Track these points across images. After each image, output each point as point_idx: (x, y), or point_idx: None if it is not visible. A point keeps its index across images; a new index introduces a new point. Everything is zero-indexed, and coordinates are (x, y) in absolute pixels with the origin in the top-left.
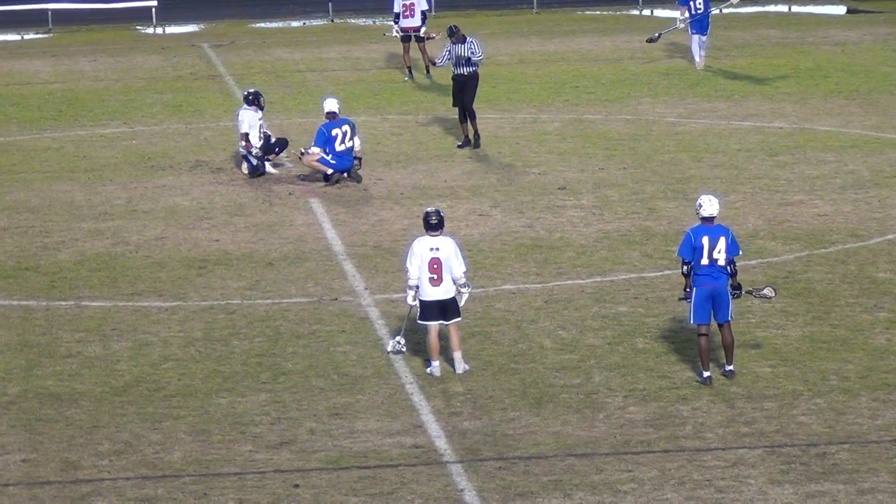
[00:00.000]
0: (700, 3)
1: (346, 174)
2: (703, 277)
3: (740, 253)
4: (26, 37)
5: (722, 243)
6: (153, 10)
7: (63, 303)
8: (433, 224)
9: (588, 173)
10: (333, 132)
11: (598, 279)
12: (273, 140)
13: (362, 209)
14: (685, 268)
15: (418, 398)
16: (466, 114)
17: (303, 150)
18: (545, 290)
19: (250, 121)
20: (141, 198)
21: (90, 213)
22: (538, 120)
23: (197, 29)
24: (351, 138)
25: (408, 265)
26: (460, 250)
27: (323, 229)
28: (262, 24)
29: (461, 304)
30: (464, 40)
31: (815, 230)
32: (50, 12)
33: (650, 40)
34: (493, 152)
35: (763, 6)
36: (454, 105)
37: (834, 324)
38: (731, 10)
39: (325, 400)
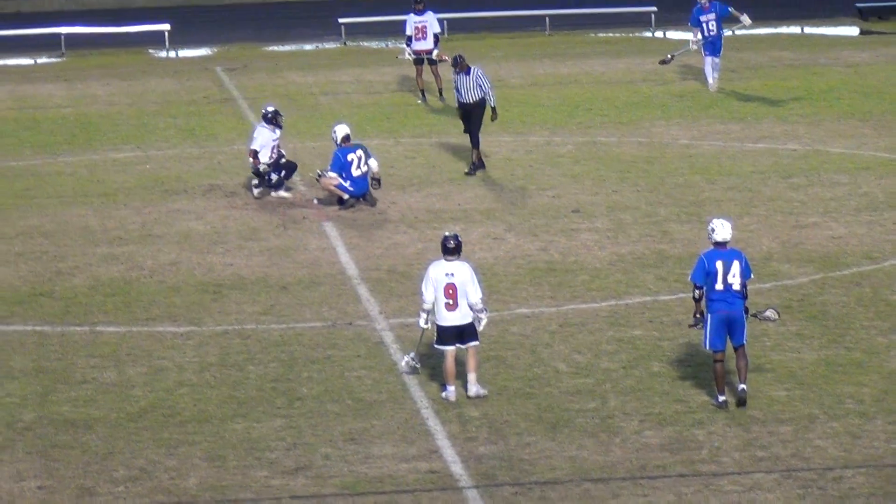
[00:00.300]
0: (713, 25)
1: (361, 198)
2: (717, 303)
3: (752, 277)
4: (39, 61)
5: (736, 267)
6: (166, 34)
7: (78, 328)
8: (450, 248)
9: (602, 196)
10: (349, 157)
11: (613, 302)
12: (283, 161)
13: (376, 233)
14: (697, 293)
15: (434, 423)
16: (471, 139)
17: (320, 173)
18: (560, 313)
19: (264, 140)
20: (155, 222)
21: (104, 237)
22: (551, 143)
23: (210, 52)
24: (365, 163)
25: (423, 289)
26: (476, 275)
27: (337, 253)
28: (275, 48)
29: (479, 328)
30: (468, 71)
31: (830, 253)
32: (63, 36)
33: (663, 62)
34: (507, 175)
35: (776, 28)
36: (465, 132)
37: (849, 347)
38: (743, 31)
39: (340, 425)
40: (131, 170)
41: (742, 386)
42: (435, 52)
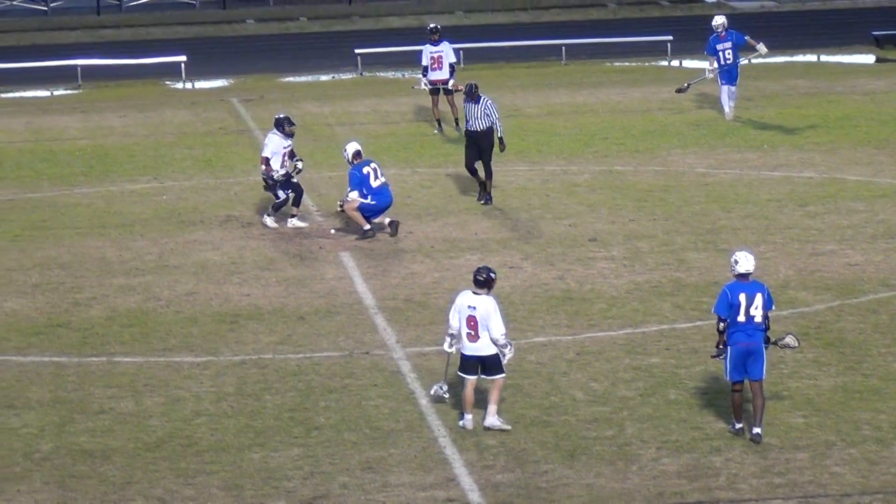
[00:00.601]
0: (729, 54)
1: (387, 225)
2: (738, 335)
3: (773, 308)
4: (56, 93)
5: (759, 300)
6: (182, 65)
7: (95, 359)
8: (478, 281)
9: (618, 225)
10: (365, 171)
11: (630, 331)
12: (293, 180)
13: (393, 262)
14: (721, 325)
15: (451, 451)
16: (484, 172)
17: (341, 202)
18: (577, 342)
19: (274, 147)
20: (172, 253)
21: (121, 268)
22: (568, 171)
23: (226, 84)
24: (383, 174)
25: (450, 315)
26: (500, 310)
27: (354, 283)
28: (291, 79)
29: (504, 361)
30: (478, 100)
31: (847, 280)
32: (79, 68)
33: (679, 90)
34: (523, 204)
35: (791, 56)
36: (466, 159)
37: (866, 373)
38: (759, 60)
39: (357, 454)
40: (148, 201)
41: (757, 430)
42: (451, 82)
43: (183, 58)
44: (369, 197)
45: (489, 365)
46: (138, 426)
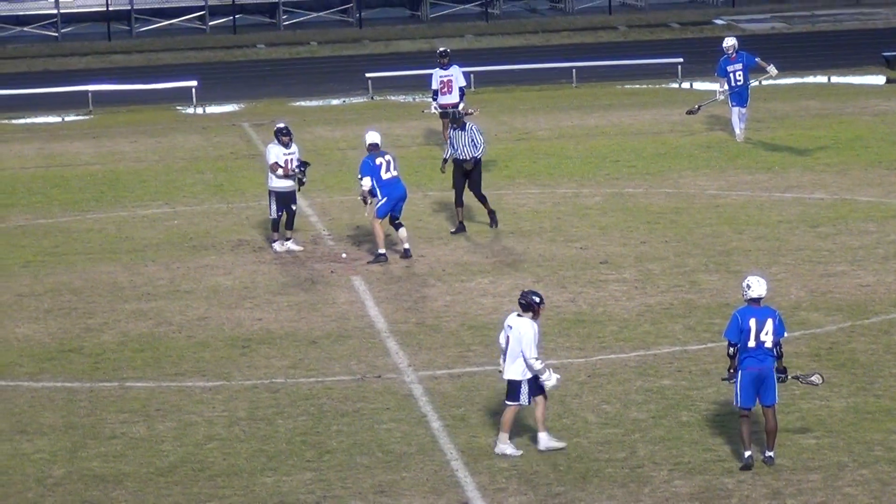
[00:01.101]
0: (739, 76)
1: (404, 254)
2: (749, 360)
3: (786, 335)
4: (67, 119)
5: (769, 325)
6: (193, 90)
7: (107, 384)
8: (520, 304)
9: (630, 247)
10: (377, 161)
11: (642, 353)
12: (293, 207)
13: (405, 286)
14: (731, 349)
15: (463, 474)
16: (476, 198)
17: (362, 195)
18: (588, 364)
19: (276, 155)
20: (183, 278)
21: (133, 293)
22: (579, 194)
23: (237, 108)
24: (396, 167)
25: (499, 338)
26: (538, 336)
27: (365, 307)
28: (302, 103)
29: (546, 388)
30: (463, 126)
31: (858, 301)
32: (90, 94)
33: (690, 112)
34: (535, 227)
35: (802, 78)
36: (454, 187)
37: (878, 394)
38: (769, 81)
39: (370, 478)
40: (159, 226)
41: (770, 453)
42: (461, 106)
43: (194, 83)
44: (381, 191)
45: (508, 389)
46: (150, 451)
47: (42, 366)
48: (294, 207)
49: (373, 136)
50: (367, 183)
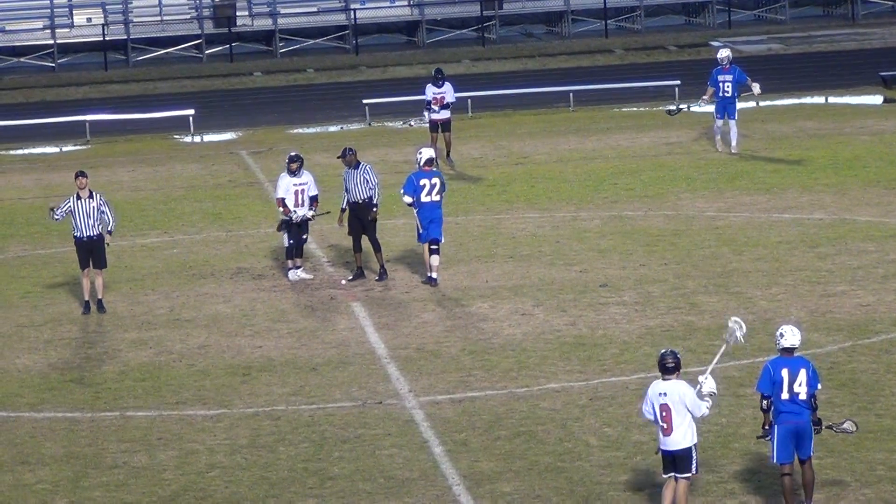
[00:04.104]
0: (728, 87)
1: (427, 280)
2: (785, 414)
3: (820, 387)
4: (65, 149)
5: (802, 375)
6: (190, 118)
7: (108, 413)
8: (668, 368)
9: (629, 270)
10: (422, 182)
11: (643, 375)
12: (304, 236)
13: (404, 312)
14: (765, 403)
15: (466, 499)
16: (371, 244)
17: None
18: (589, 387)
19: (286, 187)
20: (183, 306)
21: (132, 323)
22: (578, 218)
23: (235, 136)
24: (439, 192)
25: (643, 408)
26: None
27: (365, 333)
28: (300, 130)
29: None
30: (357, 166)
31: (859, 321)
32: (88, 124)
33: (670, 112)
34: (534, 251)
35: (799, 98)
36: (349, 234)
37: (879, 413)
38: (767, 102)
39: None
40: (158, 255)
41: None
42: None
43: (191, 111)
44: (417, 210)
45: (679, 460)
46: (152, 480)
47: (43, 396)
48: (305, 237)
49: (428, 153)
50: (407, 200)
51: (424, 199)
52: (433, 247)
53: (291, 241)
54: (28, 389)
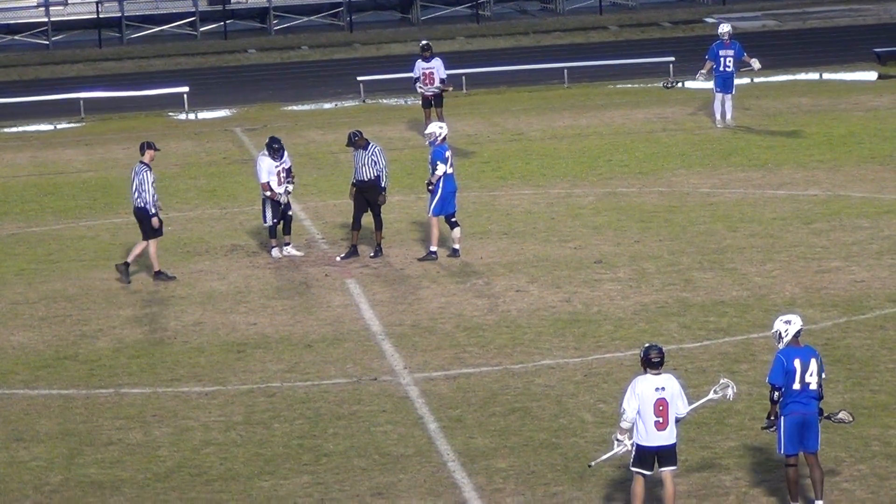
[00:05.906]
0: (729, 62)
1: (452, 253)
2: (793, 405)
3: (825, 375)
4: (59, 126)
5: (814, 365)
6: (185, 96)
7: (103, 391)
8: (655, 363)
9: (624, 246)
10: (446, 154)
11: (637, 351)
12: (289, 212)
13: (399, 288)
14: (777, 394)
15: (460, 476)
16: (373, 220)
17: (429, 182)
18: (584, 363)
19: (268, 168)
20: (178, 283)
21: (127, 300)
22: (572, 194)
23: (229, 114)
24: (452, 164)
25: (624, 403)
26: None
27: (360, 310)
28: (294, 107)
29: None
30: (366, 146)
31: (853, 297)
32: (82, 101)
33: (666, 86)
34: (528, 228)
35: (794, 75)
36: (354, 210)
37: (874, 389)
38: (761, 79)
39: (367, 480)
40: None
41: (819, 502)
42: (444, 82)
43: (185, 88)
44: (441, 184)
45: (666, 455)
46: (147, 457)
47: (37, 373)
48: (290, 213)
49: (445, 128)
50: (441, 169)
51: (449, 170)
52: (453, 219)
53: (275, 220)
54: (23, 366)
